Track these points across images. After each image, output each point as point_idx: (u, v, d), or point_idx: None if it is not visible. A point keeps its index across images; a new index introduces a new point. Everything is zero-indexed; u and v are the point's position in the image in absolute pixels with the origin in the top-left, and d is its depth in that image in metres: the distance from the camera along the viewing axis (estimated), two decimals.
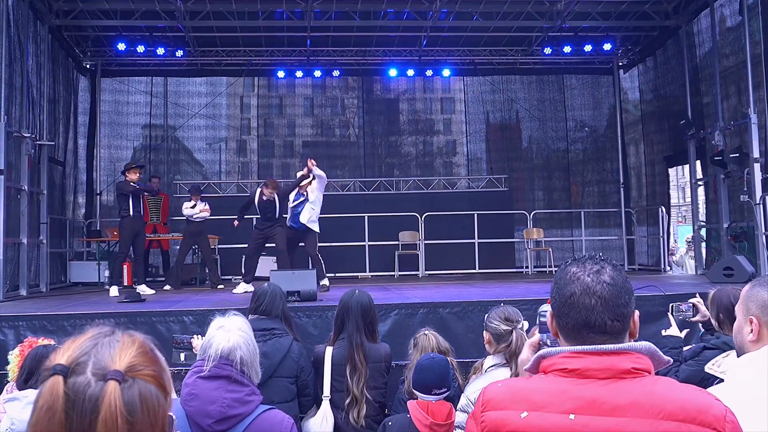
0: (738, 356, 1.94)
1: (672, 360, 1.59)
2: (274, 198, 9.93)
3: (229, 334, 2.86)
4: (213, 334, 2.90)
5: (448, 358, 4.27)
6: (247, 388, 2.79)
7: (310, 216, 9.85)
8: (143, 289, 9.95)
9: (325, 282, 9.70)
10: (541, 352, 1.66)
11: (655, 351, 1.56)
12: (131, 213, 10.16)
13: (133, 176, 10.22)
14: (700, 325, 4.70)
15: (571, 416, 1.51)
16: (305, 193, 9.93)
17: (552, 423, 1.52)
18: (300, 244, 10.16)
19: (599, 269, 1.62)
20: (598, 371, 1.53)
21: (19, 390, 3.63)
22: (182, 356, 4.66)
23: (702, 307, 4.52)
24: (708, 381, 3.73)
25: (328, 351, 4.46)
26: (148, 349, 1.15)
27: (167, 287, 10.97)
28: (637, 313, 1.62)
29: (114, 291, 9.87)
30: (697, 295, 4.82)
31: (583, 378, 1.54)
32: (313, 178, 9.91)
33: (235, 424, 2.72)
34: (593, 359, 1.55)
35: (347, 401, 4.28)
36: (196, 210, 11.02)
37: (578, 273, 1.63)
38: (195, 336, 5.24)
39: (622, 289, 1.60)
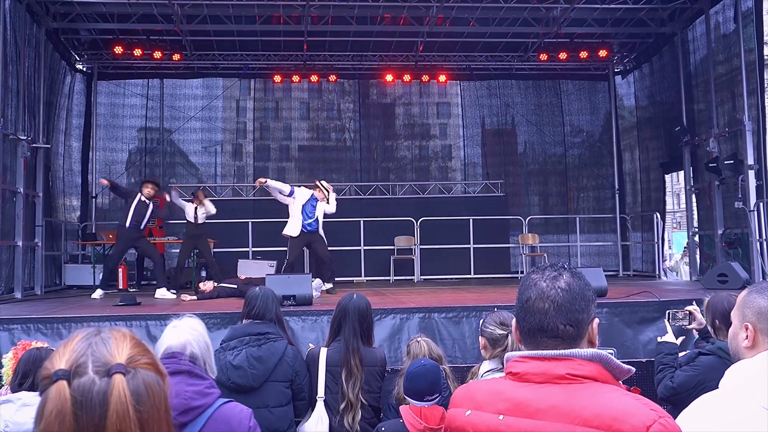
0: (733, 362, 1.94)
1: (633, 369, 1.58)
2: None
3: (181, 332, 2.95)
4: (165, 334, 2.99)
5: (441, 366, 4.27)
6: (206, 381, 2.89)
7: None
8: (163, 293, 9.76)
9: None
10: (506, 355, 1.72)
11: (608, 360, 1.57)
12: (127, 224, 9.83)
13: (148, 191, 9.90)
14: (695, 332, 4.72)
15: (500, 417, 1.58)
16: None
17: (484, 422, 1.61)
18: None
19: (556, 276, 1.66)
20: (534, 375, 1.58)
21: (13, 392, 3.63)
22: None
23: (698, 315, 4.54)
24: (704, 386, 3.75)
25: (323, 352, 4.47)
26: (139, 341, 1.19)
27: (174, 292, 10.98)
28: (596, 320, 1.63)
29: (97, 294, 9.85)
30: (694, 302, 4.84)
31: (522, 381, 1.60)
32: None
33: (196, 415, 2.80)
34: (533, 364, 1.60)
35: (342, 406, 4.28)
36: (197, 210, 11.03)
37: (536, 279, 1.68)
38: None
39: (577, 296, 1.63)
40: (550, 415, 1.51)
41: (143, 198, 9.88)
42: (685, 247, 15.23)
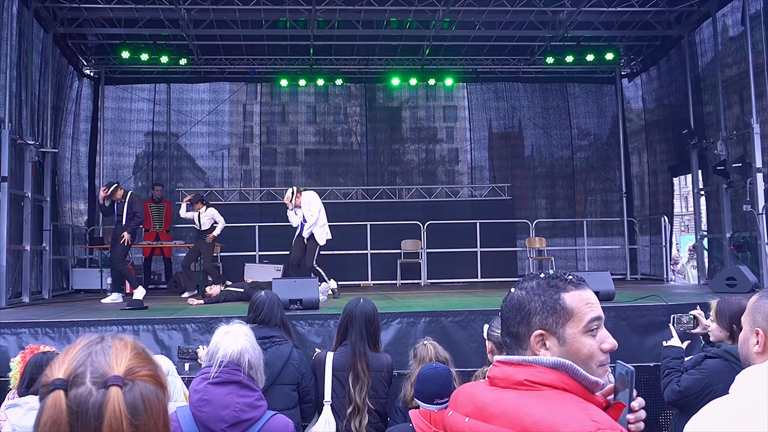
0: (743, 367, 1.93)
1: (600, 381, 1.58)
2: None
3: (237, 339, 2.93)
4: (220, 340, 2.95)
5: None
6: (256, 393, 2.88)
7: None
8: (114, 298, 10.05)
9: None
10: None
11: (573, 369, 1.57)
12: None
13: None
14: (701, 336, 4.69)
15: (466, 419, 1.64)
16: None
17: (456, 423, 1.68)
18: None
19: (510, 289, 1.75)
20: (500, 380, 1.63)
21: (20, 396, 3.63)
22: (187, 366, 4.65)
23: (702, 319, 4.51)
24: (711, 389, 3.73)
25: (329, 356, 4.47)
26: (141, 350, 1.17)
27: (186, 294, 11.02)
28: (535, 332, 1.63)
29: (109, 299, 9.95)
30: (698, 307, 4.82)
31: (492, 385, 1.65)
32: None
33: (246, 428, 2.79)
34: (502, 369, 1.64)
35: (349, 410, 4.28)
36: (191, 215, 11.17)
37: None
38: (201, 346, 5.25)
39: (513, 309, 1.69)
40: (500, 420, 1.54)
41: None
42: (690, 250, 15.15)
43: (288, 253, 10.80)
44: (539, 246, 14.49)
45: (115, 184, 10.22)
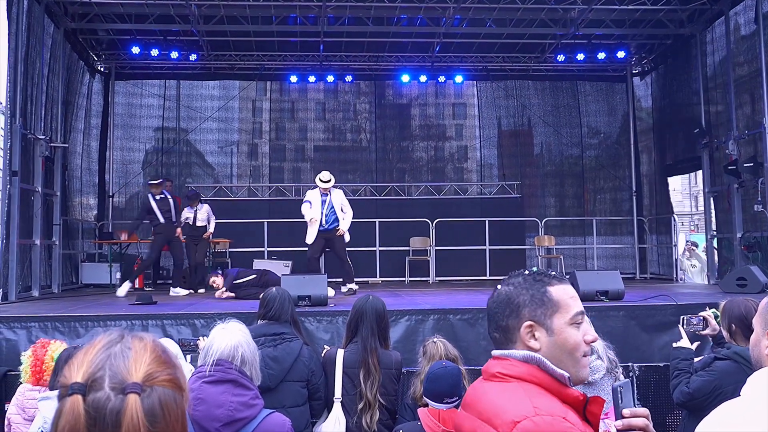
0: (754, 370, 1.91)
1: (566, 374, 1.65)
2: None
3: (231, 334, 2.93)
4: (215, 336, 2.96)
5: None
6: (252, 392, 2.86)
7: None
8: (178, 291, 10.41)
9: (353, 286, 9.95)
10: None
11: (542, 362, 1.65)
12: (162, 220, 10.54)
13: (155, 190, 10.66)
14: (710, 337, 4.67)
15: (460, 409, 1.79)
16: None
17: (458, 414, 1.81)
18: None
19: (497, 287, 1.84)
20: (484, 373, 1.75)
21: (51, 390, 3.69)
22: (188, 357, 4.67)
23: (712, 320, 4.49)
24: (720, 391, 3.72)
25: (340, 353, 4.47)
26: (161, 352, 1.15)
27: (200, 291, 11.05)
28: (525, 323, 1.71)
29: (124, 288, 10.01)
30: (707, 308, 4.80)
31: (482, 378, 1.77)
32: None
33: (241, 427, 2.77)
34: (490, 363, 1.76)
35: (360, 406, 4.28)
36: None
37: None
38: (201, 338, 5.25)
39: (501, 303, 1.78)
40: (471, 409, 1.67)
41: (157, 195, 10.59)
42: (687, 242, 15.05)
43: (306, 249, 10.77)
44: (548, 244, 14.45)
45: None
